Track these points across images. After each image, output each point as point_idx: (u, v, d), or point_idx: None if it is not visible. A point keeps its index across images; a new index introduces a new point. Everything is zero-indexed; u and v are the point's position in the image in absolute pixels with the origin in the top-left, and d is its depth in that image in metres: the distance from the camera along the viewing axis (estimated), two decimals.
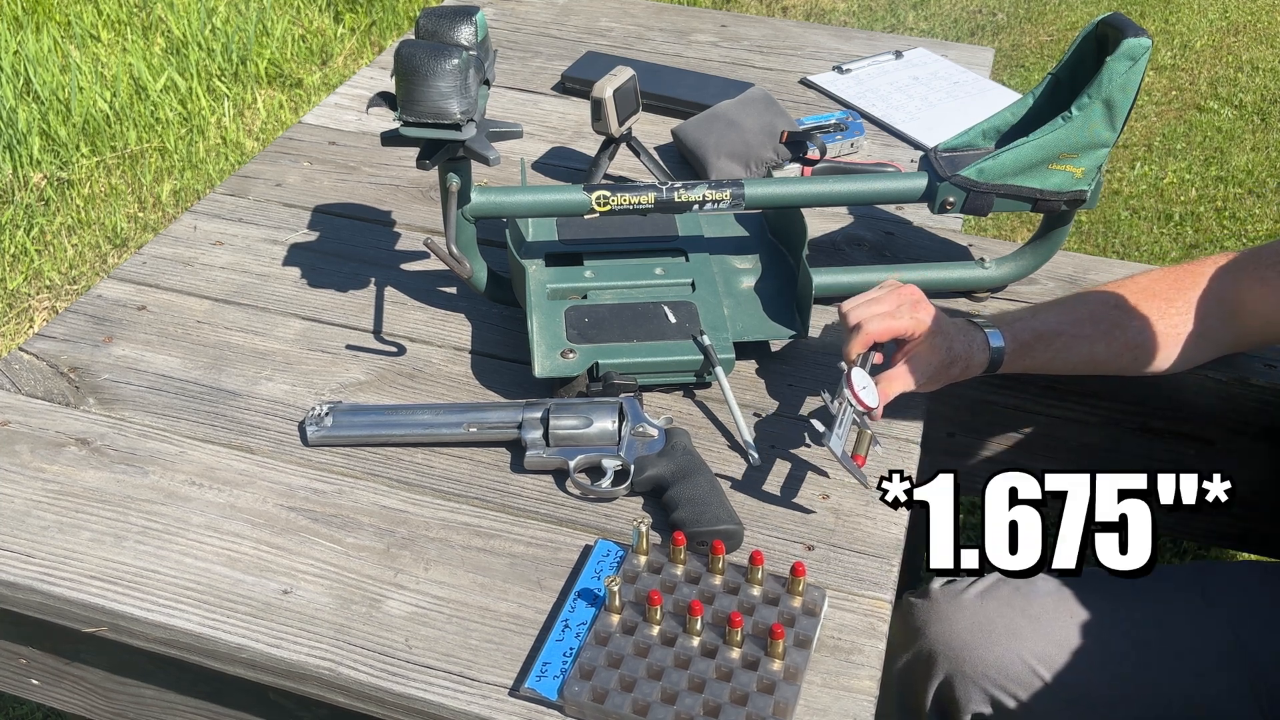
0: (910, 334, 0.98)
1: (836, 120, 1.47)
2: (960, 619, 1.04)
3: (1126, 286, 1.04)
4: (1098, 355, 1.03)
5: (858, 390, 0.93)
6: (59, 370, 1.08)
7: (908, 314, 0.97)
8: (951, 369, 0.99)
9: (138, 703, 0.96)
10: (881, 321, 0.97)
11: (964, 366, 1.00)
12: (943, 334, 0.99)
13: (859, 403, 0.93)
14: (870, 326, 0.96)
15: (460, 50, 0.95)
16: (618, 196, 1.07)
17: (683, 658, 0.80)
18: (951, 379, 1.00)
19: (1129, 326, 1.02)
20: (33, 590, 0.87)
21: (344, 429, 0.99)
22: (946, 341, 0.98)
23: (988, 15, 3.87)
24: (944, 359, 0.98)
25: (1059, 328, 1.02)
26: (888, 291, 1.00)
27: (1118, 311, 1.02)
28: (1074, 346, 1.02)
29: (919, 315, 0.98)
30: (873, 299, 0.99)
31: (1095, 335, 1.02)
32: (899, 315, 0.97)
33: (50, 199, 2.76)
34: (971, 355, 1.00)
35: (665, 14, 1.89)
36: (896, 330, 0.97)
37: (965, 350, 0.99)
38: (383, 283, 1.21)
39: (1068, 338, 1.02)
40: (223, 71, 3.28)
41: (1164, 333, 1.02)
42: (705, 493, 0.92)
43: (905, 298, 0.99)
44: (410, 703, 0.80)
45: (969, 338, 1.00)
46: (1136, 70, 1.02)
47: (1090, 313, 1.03)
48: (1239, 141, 3.14)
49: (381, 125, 1.50)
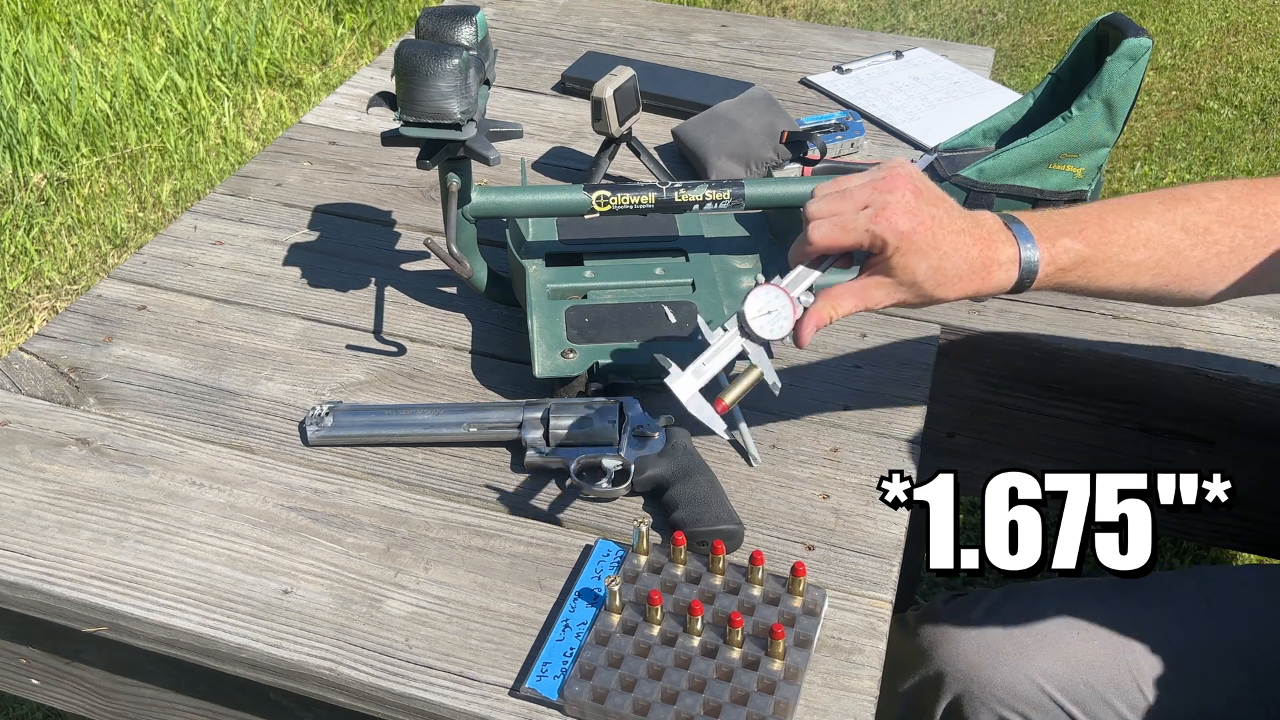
0: (869, 249, 0.78)
1: (836, 120, 1.47)
2: (966, 640, 1.03)
3: (1200, 204, 0.84)
4: (1140, 285, 0.85)
5: (751, 316, 0.76)
6: (59, 370, 1.08)
7: (864, 224, 0.77)
8: (942, 291, 0.80)
9: (138, 703, 0.95)
10: (830, 230, 0.78)
11: (969, 288, 0.80)
12: (920, 251, 0.78)
13: (750, 333, 0.76)
14: (815, 233, 0.78)
15: (460, 50, 0.95)
16: (618, 196, 1.07)
17: (683, 657, 0.80)
18: (948, 299, 0.81)
19: (1189, 258, 0.84)
20: (33, 590, 0.87)
21: (344, 429, 0.99)
22: (930, 260, 0.78)
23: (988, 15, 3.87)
24: (926, 280, 0.79)
25: (1104, 250, 0.83)
26: (863, 183, 0.79)
27: (1184, 237, 0.83)
28: (1118, 275, 0.84)
29: (878, 227, 0.77)
30: (839, 192, 0.80)
31: (1147, 264, 0.84)
32: (853, 225, 0.77)
33: (50, 199, 2.76)
34: (989, 275, 0.80)
35: (665, 14, 1.89)
36: (845, 245, 0.78)
37: (972, 269, 0.79)
38: (383, 282, 1.21)
39: (1114, 264, 0.83)
40: (223, 71, 3.28)
41: (1226, 266, 0.84)
42: (705, 493, 0.92)
43: (876, 198, 0.78)
44: (410, 702, 0.80)
45: (989, 251, 0.80)
46: (1137, 70, 1.02)
47: (1150, 234, 0.83)
48: (1239, 142, 3.14)
49: (382, 125, 1.50)
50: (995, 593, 1.06)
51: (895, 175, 0.79)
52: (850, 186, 0.79)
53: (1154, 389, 1.18)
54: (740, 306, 0.76)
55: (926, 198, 0.79)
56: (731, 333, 0.76)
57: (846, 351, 1.12)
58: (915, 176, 0.80)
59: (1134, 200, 0.86)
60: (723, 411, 0.77)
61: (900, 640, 1.07)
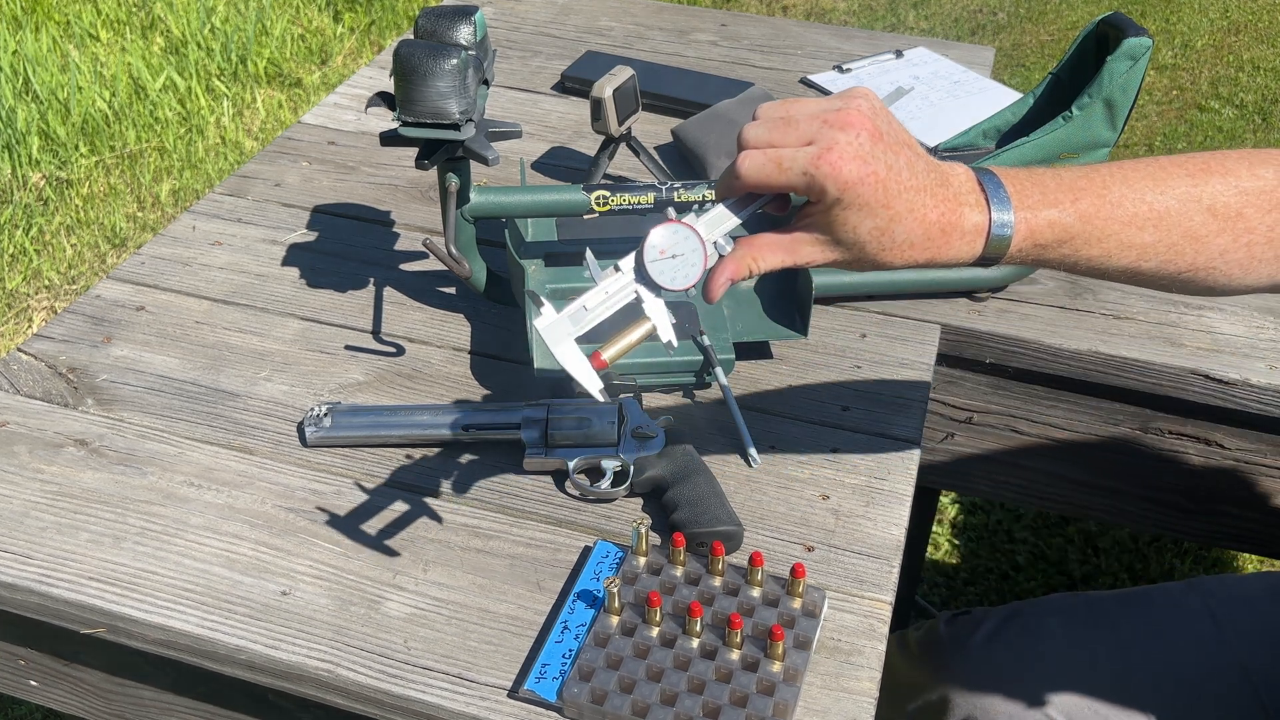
0: (805, 194, 0.65)
1: None
2: (968, 668, 1.02)
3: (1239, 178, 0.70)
4: (1145, 269, 0.71)
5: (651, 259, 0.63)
6: (57, 371, 1.08)
7: (803, 164, 0.63)
8: (886, 257, 0.66)
9: (136, 704, 0.95)
10: (762, 166, 0.64)
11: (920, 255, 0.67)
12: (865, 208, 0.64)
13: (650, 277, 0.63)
14: (744, 165, 0.65)
15: (459, 50, 0.94)
16: (617, 196, 1.07)
17: (682, 659, 0.80)
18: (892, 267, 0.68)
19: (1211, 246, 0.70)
20: (31, 591, 0.86)
21: (343, 429, 0.99)
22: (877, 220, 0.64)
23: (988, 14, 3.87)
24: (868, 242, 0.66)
25: (1106, 228, 0.68)
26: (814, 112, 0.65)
27: (1208, 219, 0.69)
28: (1116, 256, 0.70)
29: (819, 170, 0.63)
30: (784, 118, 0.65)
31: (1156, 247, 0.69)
32: (789, 164, 0.64)
33: (49, 199, 2.76)
34: (946, 243, 0.67)
35: (665, 13, 1.88)
36: (777, 185, 0.64)
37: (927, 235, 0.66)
38: (382, 283, 1.21)
39: (1111, 244, 0.69)
40: (222, 71, 3.28)
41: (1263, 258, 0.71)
42: (705, 494, 0.92)
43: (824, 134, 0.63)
44: (409, 704, 0.79)
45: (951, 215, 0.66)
46: (1137, 70, 1.02)
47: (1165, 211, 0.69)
48: (1240, 141, 3.14)
49: (380, 125, 1.50)
50: (996, 614, 1.05)
51: (852, 109, 0.64)
52: (798, 114, 0.65)
53: (1154, 389, 1.17)
54: (640, 244, 0.62)
55: (886, 142, 0.64)
56: (625, 274, 0.62)
57: (846, 352, 1.12)
58: (877, 113, 0.65)
59: (1153, 165, 0.71)
60: (600, 369, 0.63)
61: (902, 662, 1.07)
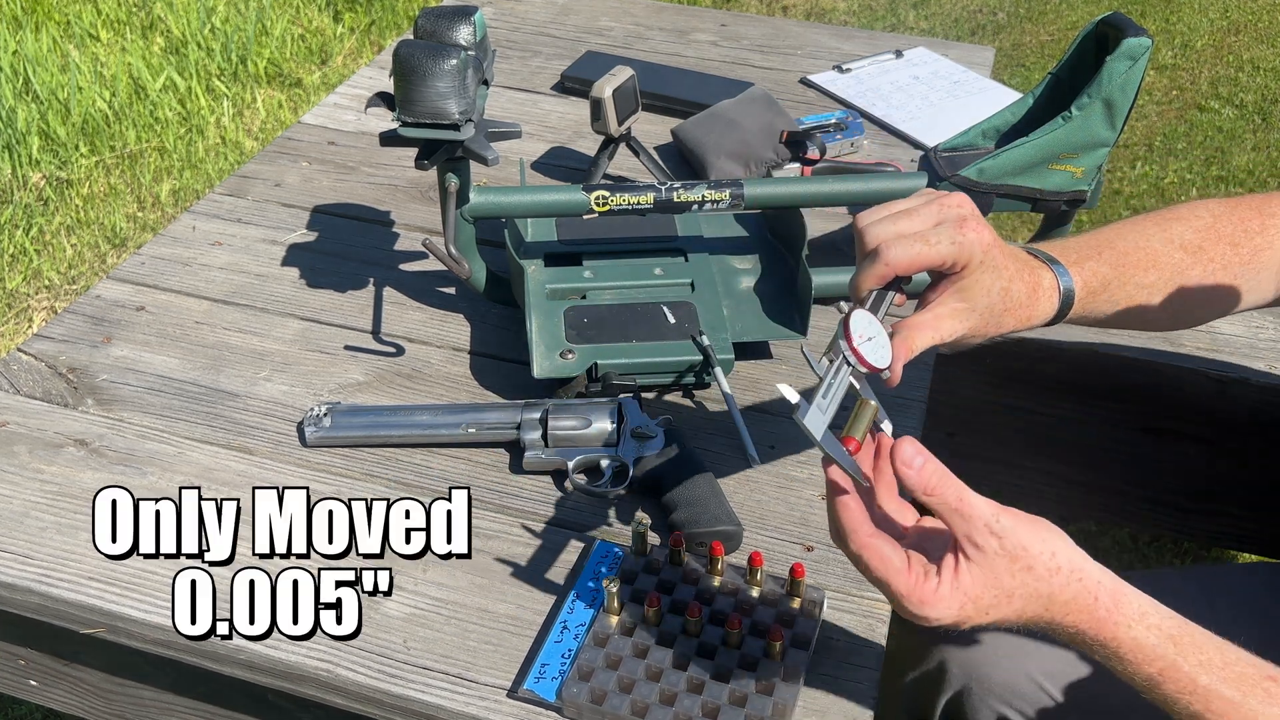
0: (952, 265, 0.71)
1: (836, 120, 1.47)
2: (965, 637, 1.03)
3: (1189, 223, 0.85)
4: (1150, 307, 0.84)
5: (858, 343, 0.68)
6: (57, 371, 1.08)
7: (948, 236, 0.70)
8: (1004, 319, 0.75)
9: (136, 704, 0.95)
10: (909, 246, 0.70)
11: (1024, 318, 0.76)
12: (997, 270, 0.73)
13: (860, 361, 0.68)
14: (893, 253, 0.70)
15: (459, 50, 0.94)
16: (617, 196, 1.07)
17: (681, 659, 0.80)
18: (1001, 331, 0.77)
19: (1190, 275, 0.84)
20: (31, 591, 0.86)
21: (342, 430, 0.99)
22: (1003, 280, 0.74)
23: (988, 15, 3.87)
24: (997, 304, 0.74)
25: (1123, 272, 0.82)
26: (924, 202, 0.73)
27: (1183, 255, 0.84)
28: (1135, 297, 0.83)
29: (965, 237, 0.70)
30: (901, 211, 0.72)
31: (1157, 285, 0.83)
32: (935, 239, 0.70)
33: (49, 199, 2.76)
34: (1036, 302, 0.77)
35: (665, 13, 1.88)
36: (930, 260, 0.71)
37: (1028, 295, 0.76)
38: (381, 283, 1.21)
39: (1133, 287, 0.83)
40: (222, 71, 3.28)
41: (1222, 284, 0.85)
42: (704, 493, 0.92)
43: (949, 212, 0.72)
44: (408, 704, 0.80)
45: (1033, 277, 0.77)
46: (1136, 70, 1.02)
47: (1156, 257, 0.83)
48: (1240, 141, 3.14)
49: (380, 125, 1.50)
50: None
51: (951, 194, 0.73)
52: (910, 206, 0.72)
53: (1154, 389, 1.17)
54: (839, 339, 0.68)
55: None
56: (840, 364, 0.68)
57: None
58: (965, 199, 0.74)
59: (1131, 222, 0.86)
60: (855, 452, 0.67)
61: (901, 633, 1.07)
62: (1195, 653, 0.66)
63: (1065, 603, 0.66)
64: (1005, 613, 0.66)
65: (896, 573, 0.65)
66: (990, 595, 0.65)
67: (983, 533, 0.64)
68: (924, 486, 0.64)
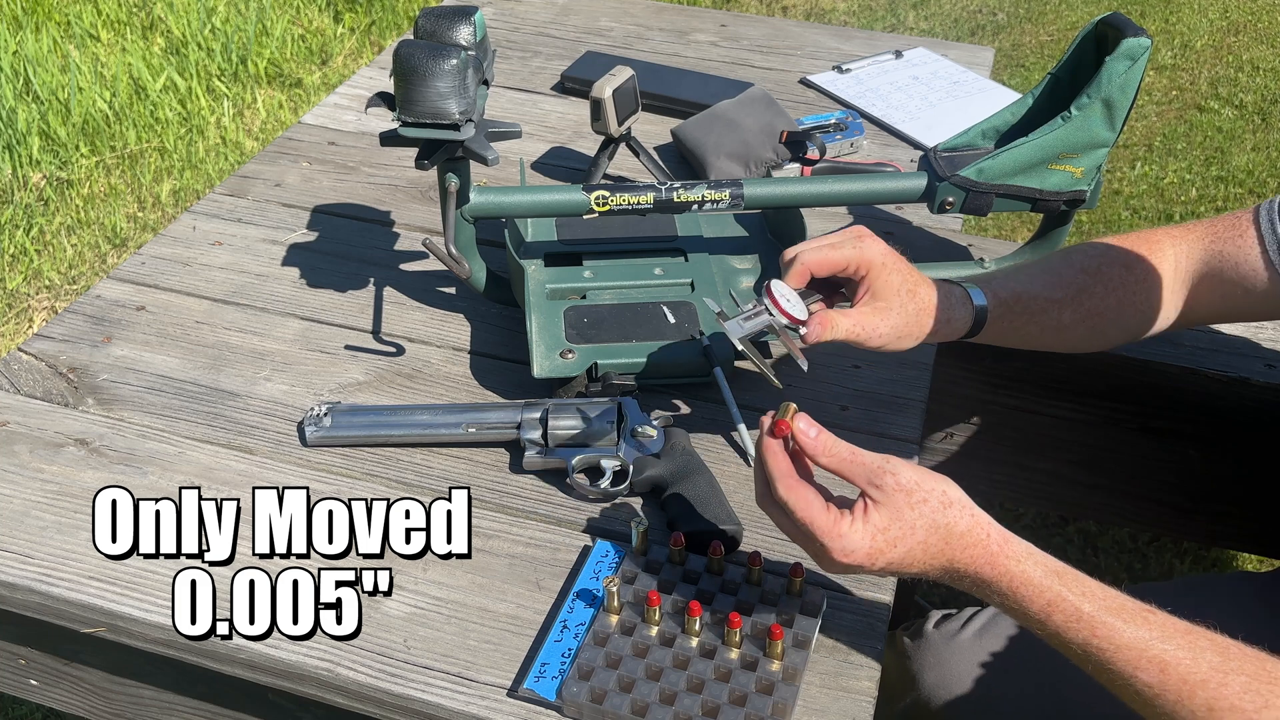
0: (857, 269, 0.87)
1: (836, 120, 1.47)
2: (957, 663, 1.02)
3: (1086, 251, 0.99)
4: (1064, 323, 0.97)
5: (778, 298, 0.83)
6: (58, 370, 1.08)
7: (850, 244, 0.86)
8: (923, 319, 0.89)
9: (136, 703, 0.95)
10: (818, 251, 0.86)
11: (942, 320, 0.90)
12: (903, 273, 0.88)
13: (780, 311, 0.83)
14: (806, 256, 0.86)
15: (459, 50, 0.95)
16: (617, 196, 1.07)
17: (681, 658, 0.80)
18: (929, 334, 0.90)
19: (1092, 292, 0.96)
20: (31, 591, 0.86)
21: (343, 429, 0.99)
22: (909, 283, 0.88)
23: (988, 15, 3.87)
24: (910, 305, 0.88)
25: (1034, 289, 0.96)
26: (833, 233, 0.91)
27: (1083, 275, 0.97)
28: (1048, 311, 0.96)
29: (863, 244, 0.86)
30: (816, 237, 0.90)
31: (1065, 300, 0.96)
32: (840, 246, 0.86)
33: (50, 199, 2.76)
34: (951, 308, 0.91)
35: (665, 14, 1.88)
36: (835, 261, 0.86)
37: (941, 302, 0.90)
38: (382, 283, 1.21)
39: (1043, 301, 0.96)
40: (222, 71, 3.28)
41: (1122, 302, 0.97)
42: (704, 493, 0.92)
43: (850, 231, 0.89)
44: (408, 703, 0.80)
45: (945, 290, 0.91)
46: (1136, 70, 1.02)
47: (1059, 277, 0.97)
48: (1239, 141, 3.14)
49: (380, 125, 1.50)
50: (984, 614, 1.06)
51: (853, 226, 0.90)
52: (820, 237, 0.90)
53: (1154, 389, 1.17)
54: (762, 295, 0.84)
55: None
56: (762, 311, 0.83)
57: (846, 351, 1.12)
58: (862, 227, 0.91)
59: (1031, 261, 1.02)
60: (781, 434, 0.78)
61: (892, 661, 1.07)
62: (1078, 585, 0.73)
63: (961, 535, 0.74)
64: (910, 545, 0.74)
65: (819, 511, 0.74)
66: (896, 528, 0.74)
67: (879, 474, 0.75)
68: (821, 449, 0.76)
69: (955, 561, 0.74)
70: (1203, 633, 0.71)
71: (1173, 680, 0.69)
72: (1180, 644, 0.70)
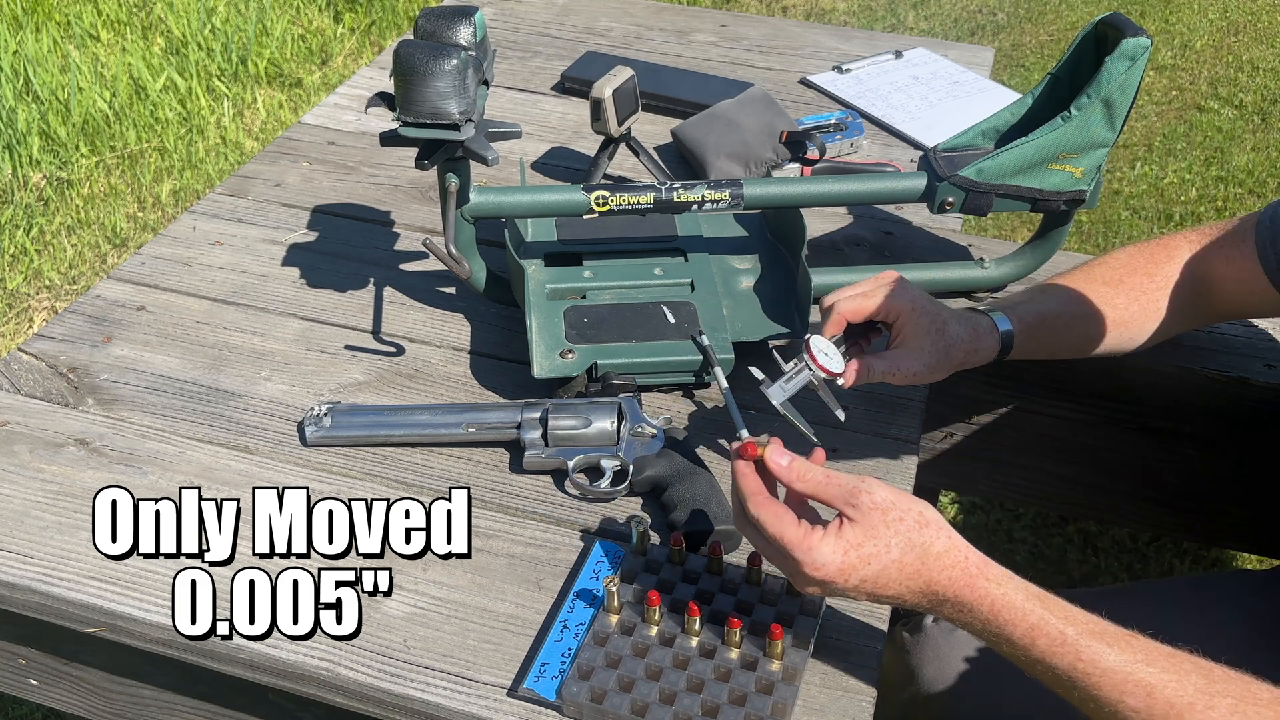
0: (888, 315, 0.94)
1: (836, 120, 1.47)
2: (955, 657, 1.03)
3: (1108, 264, 1.04)
4: (1091, 335, 1.01)
5: (816, 354, 0.90)
6: (58, 370, 1.08)
7: (883, 292, 0.94)
8: (953, 353, 0.95)
9: (136, 703, 0.95)
10: (853, 301, 0.94)
11: (970, 350, 0.96)
12: (931, 315, 0.94)
13: (818, 367, 0.90)
14: (841, 305, 0.94)
15: (459, 50, 0.95)
16: (617, 196, 1.07)
17: (681, 658, 0.80)
18: (958, 365, 0.96)
19: (1115, 304, 1.01)
20: (32, 591, 0.86)
21: (343, 429, 0.99)
22: (937, 323, 0.94)
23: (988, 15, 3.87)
24: (940, 343, 0.94)
25: (1057, 308, 1.01)
26: (866, 279, 0.98)
27: (1105, 288, 1.02)
28: (1073, 327, 1.01)
29: (895, 290, 0.94)
30: (850, 285, 0.97)
31: (1089, 315, 1.01)
32: (872, 295, 0.94)
33: (50, 199, 2.76)
34: (978, 339, 0.96)
35: (665, 14, 1.88)
36: (868, 309, 0.94)
37: (968, 335, 0.96)
38: (382, 283, 1.21)
39: (1068, 318, 1.01)
40: (222, 71, 3.28)
41: (1146, 309, 1.02)
42: (704, 493, 0.92)
43: (882, 279, 0.95)
44: (408, 703, 0.80)
45: (971, 322, 0.97)
46: (1136, 70, 1.02)
47: (1080, 293, 1.02)
48: (1239, 141, 3.14)
49: (380, 125, 1.50)
50: None
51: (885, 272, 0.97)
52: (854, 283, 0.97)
53: (1154, 389, 1.17)
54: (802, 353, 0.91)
55: None
56: (802, 367, 0.90)
57: None
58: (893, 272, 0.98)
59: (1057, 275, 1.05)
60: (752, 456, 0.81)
61: (891, 655, 1.07)
62: (1060, 609, 0.72)
63: (939, 555, 0.73)
64: (885, 563, 0.73)
65: (790, 525, 0.74)
66: (871, 544, 0.73)
67: (854, 493, 0.74)
68: (795, 475, 0.77)
69: (934, 583, 0.73)
70: (1186, 656, 0.71)
71: (1159, 704, 0.69)
72: (1165, 667, 0.70)
